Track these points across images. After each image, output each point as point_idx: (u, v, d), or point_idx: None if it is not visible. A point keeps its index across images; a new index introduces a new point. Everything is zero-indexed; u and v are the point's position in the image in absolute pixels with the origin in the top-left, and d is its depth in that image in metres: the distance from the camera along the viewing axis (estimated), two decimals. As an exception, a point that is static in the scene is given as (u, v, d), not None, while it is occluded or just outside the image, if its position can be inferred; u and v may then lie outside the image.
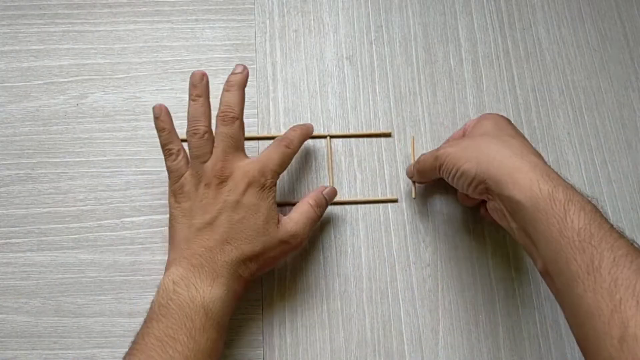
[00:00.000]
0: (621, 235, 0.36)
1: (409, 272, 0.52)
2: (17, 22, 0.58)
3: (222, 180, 0.45)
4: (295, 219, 0.47)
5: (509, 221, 0.42)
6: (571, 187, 0.39)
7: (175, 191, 0.47)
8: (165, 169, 0.54)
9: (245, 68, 0.49)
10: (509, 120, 0.48)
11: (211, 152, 0.47)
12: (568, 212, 0.37)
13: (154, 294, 0.48)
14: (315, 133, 0.55)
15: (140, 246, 0.52)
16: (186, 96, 0.56)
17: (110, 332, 0.49)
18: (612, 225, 0.37)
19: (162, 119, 0.48)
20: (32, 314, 0.49)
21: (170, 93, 0.56)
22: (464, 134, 0.50)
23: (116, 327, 0.49)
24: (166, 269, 0.44)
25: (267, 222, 0.46)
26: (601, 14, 0.62)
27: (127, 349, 0.49)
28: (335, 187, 0.52)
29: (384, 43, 0.59)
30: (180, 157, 0.47)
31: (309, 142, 0.55)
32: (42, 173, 0.53)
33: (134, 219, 0.52)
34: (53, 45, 0.58)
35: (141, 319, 0.49)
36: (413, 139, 0.56)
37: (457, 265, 0.52)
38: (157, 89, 0.56)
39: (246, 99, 0.56)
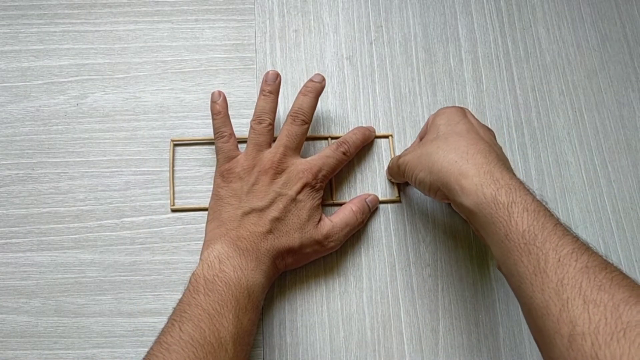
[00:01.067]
0: (566, 232, 0.36)
1: (409, 272, 0.52)
2: (17, 22, 0.58)
3: (278, 172, 0.48)
4: (334, 222, 0.50)
5: (469, 223, 0.43)
6: (515, 187, 0.39)
7: (225, 172, 0.49)
8: (164, 169, 0.54)
9: (323, 79, 0.52)
10: (463, 112, 0.48)
11: (270, 145, 0.50)
12: (512, 215, 0.37)
13: (154, 294, 0.49)
14: (315, 134, 0.55)
15: (140, 246, 0.52)
16: (186, 96, 0.56)
17: (110, 332, 0.49)
18: (557, 223, 0.37)
19: (219, 103, 0.51)
20: (32, 314, 0.49)
21: (170, 93, 0.56)
22: (425, 132, 0.50)
23: (116, 327, 0.49)
24: (207, 244, 0.46)
25: (309, 221, 0.48)
26: (601, 14, 0.62)
27: (127, 349, 0.49)
28: (335, 189, 0.53)
29: (384, 43, 0.59)
30: (232, 140, 0.50)
31: (308, 143, 0.55)
32: (42, 173, 0.53)
33: (133, 219, 0.52)
34: (53, 45, 0.58)
35: (141, 320, 0.49)
36: (391, 138, 0.56)
37: (457, 265, 0.52)
38: (157, 89, 0.56)
39: (246, 99, 0.56)
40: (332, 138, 0.56)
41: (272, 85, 0.51)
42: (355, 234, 0.53)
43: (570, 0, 0.62)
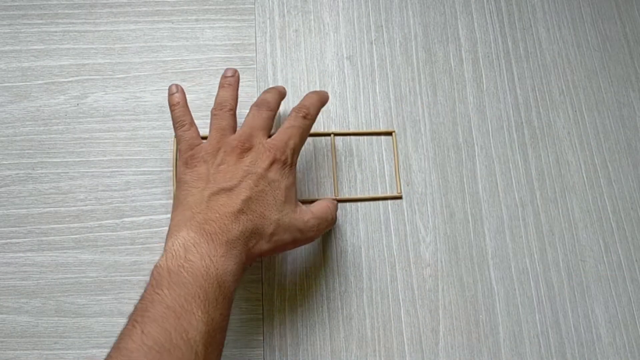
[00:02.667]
0: None
1: (409, 272, 0.52)
2: (18, 22, 0.58)
3: (244, 150, 0.45)
4: (314, 211, 0.47)
5: None
6: None
7: (188, 158, 0.46)
8: (166, 168, 0.54)
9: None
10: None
11: (234, 130, 0.47)
12: None
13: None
14: (318, 131, 0.56)
15: (140, 246, 0.52)
16: (187, 96, 0.56)
17: (111, 332, 0.49)
18: None
19: (177, 95, 0.49)
20: (32, 314, 0.49)
21: (171, 93, 0.56)
22: None
23: (116, 327, 0.49)
24: (172, 232, 0.41)
25: (286, 202, 0.44)
26: (601, 14, 0.62)
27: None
28: (337, 187, 0.53)
29: (384, 43, 0.59)
30: (193, 129, 0.48)
31: (310, 140, 0.55)
32: (42, 173, 0.53)
33: (134, 219, 0.52)
34: (53, 45, 0.58)
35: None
36: (394, 135, 0.56)
37: (457, 265, 0.52)
38: (157, 89, 0.56)
39: (246, 99, 0.56)
40: (336, 135, 0.56)
41: (230, 79, 0.50)
42: (356, 234, 0.53)
43: (571, 0, 0.62)
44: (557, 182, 0.55)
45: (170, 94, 0.49)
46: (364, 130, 0.56)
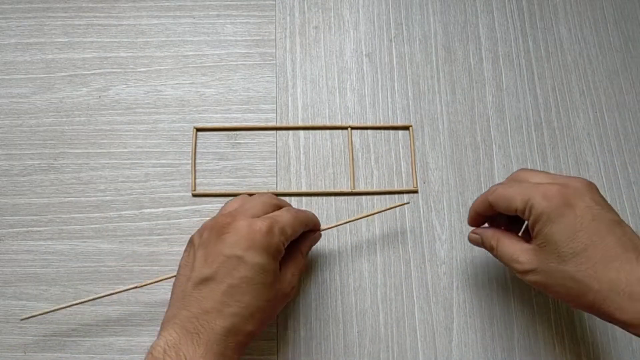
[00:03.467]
0: None
1: (424, 269, 0.52)
2: (42, 15, 0.59)
3: (225, 229, 0.41)
4: (292, 270, 0.44)
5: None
6: None
7: (188, 244, 0.44)
8: (185, 161, 0.54)
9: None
10: (592, 199, 0.41)
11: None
12: None
13: (171, 284, 0.49)
14: (334, 124, 0.56)
15: (158, 237, 0.52)
16: (206, 90, 0.57)
17: (127, 320, 0.50)
18: None
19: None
20: (51, 301, 0.50)
21: (191, 87, 0.57)
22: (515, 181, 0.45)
23: (133, 316, 0.50)
24: (161, 328, 0.40)
25: (273, 285, 0.41)
26: (624, 15, 0.61)
27: (144, 338, 0.50)
28: (354, 181, 0.53)
29: (403, 41, 0.59)
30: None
31: (327, 135, 0.56)
32: (64, 163, 0.54)
33: (152, 210, 0.53)
34: (77, 38, 0.59)
35: (158, 309, 0.50)
36: (411, 129, 0.56)
37: (473, 264, 0.52)
38: (178, 83, 0.57)
39: (265, 94, 0.57)
40: (353, 128, 0.56)
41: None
42: (371, 231, 0.53)
43: (593, 1, 0.61)
44: (575, 182, 0.55)
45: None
46: (382, 124, 0.56)
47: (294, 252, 0.46)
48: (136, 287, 0.47)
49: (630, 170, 0.55)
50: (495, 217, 0.47)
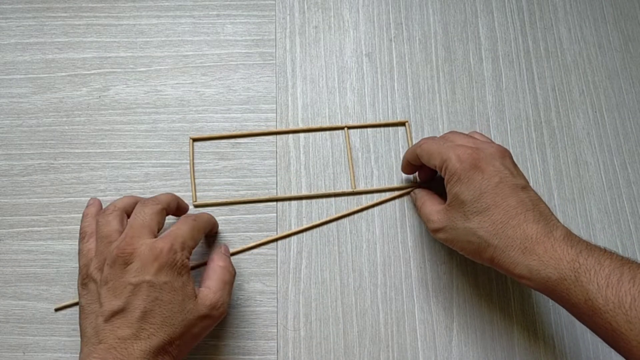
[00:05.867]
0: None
1: (424, 269, 0.52)
2: (42, 14, 0.59)
3: (127, 257, 0.40)
4: (214, 287, 0.44)
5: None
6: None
7: (82, 277, 0.43)
8: (184, 161, 0.54)
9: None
10: (501, 167, 0.45)
11: (120, 233, 0.43)
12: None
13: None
14: (332, 124, 0.56)
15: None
16: (206, 90, 0.57)
17: (128, 320, 0.50)
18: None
19: (92, 207, 0.47)
20: (51, 301, 0.50)
21: (191, 87, 0.57)
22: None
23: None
24: None
25: (184, 301, 0.41)
26: (624, 14, 0.61)
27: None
28: (354, 180, 0.53)
29: (403, 40, 0.59)
30: (92, 240, 0.44)
31: (327, 135, 0.56)
32: (64, 163, 0.54)
33: (152, 210, 0.53)
34: (77, 38, 0.59)
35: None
36: (408, 125, 0.56)
37: (473, 263, 0.52)
38: (177, 83, 0.57)
39: (265, 94, 0.57)
40: (349, 127, 0.56)
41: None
42: (371, 230, 0.53)
43: (593, 0, 0.62)
44: (575, 182, 0.55)
45: (87, 205, 0.48)
46: (378, 122, 0.56)
47: (212, 268, 0.46)
48: None
49: (630, 170, 0.55)
50: (423, 167, 0.51)
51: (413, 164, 0.50)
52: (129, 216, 0.45)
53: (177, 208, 0.48)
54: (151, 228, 0.43)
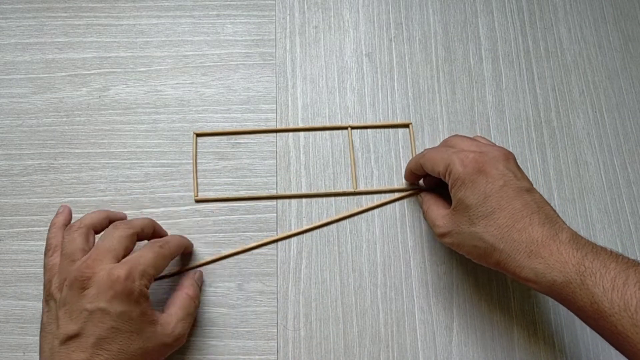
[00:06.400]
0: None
1: (424, 269, 0.52)
2: (42, 14, 0.59)
3: (85, 281, 0.39)
4: (178, 316, 0.44)
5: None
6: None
7: (46, 293, 0.42)
8: (185, 161, 0.54)
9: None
10: (505, 170, 0.45)
11: (85, 252, 0.42)
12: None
13: (171, 284, 0.49)
14: (334, 124, 0.56)
15: (158, 237, 0.52)
16: (206, 90, 0.57)
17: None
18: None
19: (60, 216, 0.47)
20: (51, 301, 0.50)
21: (191, 87, 0.57)
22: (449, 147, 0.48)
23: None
24: None
25: (143, 329, 0.40)
26: (624, 14, 0.61)
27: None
28: (355, 181, 0.53)
29: (403, 40, 0.59)
30: (57, 254, 0.44)
31: (327, 135, 0.56)
32: (64, 163, 0.54)
33: (152, 210, 0.53)
34: (77, 38, 0.59)
35: (158, 308, 0.50)
36: (411, 127, 0.56)
37: (473, 263, 0.52)
38: (177, 83, 0.57)
39: (265, 94, 0.57)
40: (353, 128, 0.56)
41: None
42: (371, 230, 0.53)
43: (593, 0, 0.62)
44: (575, 182, 0.55)
45: (56, 213, 0.48)
46: (381, 123, 0.56)
47: (179, 296, 0.45)
48: None
49: (630, 170, 0.55)
50: (427, 176, 0.50)
51: (417, 173, 0.51)
52: (97, 232, 0.44)
53: (153, 234, 0.47)
54: (116, 252, 0.41)
